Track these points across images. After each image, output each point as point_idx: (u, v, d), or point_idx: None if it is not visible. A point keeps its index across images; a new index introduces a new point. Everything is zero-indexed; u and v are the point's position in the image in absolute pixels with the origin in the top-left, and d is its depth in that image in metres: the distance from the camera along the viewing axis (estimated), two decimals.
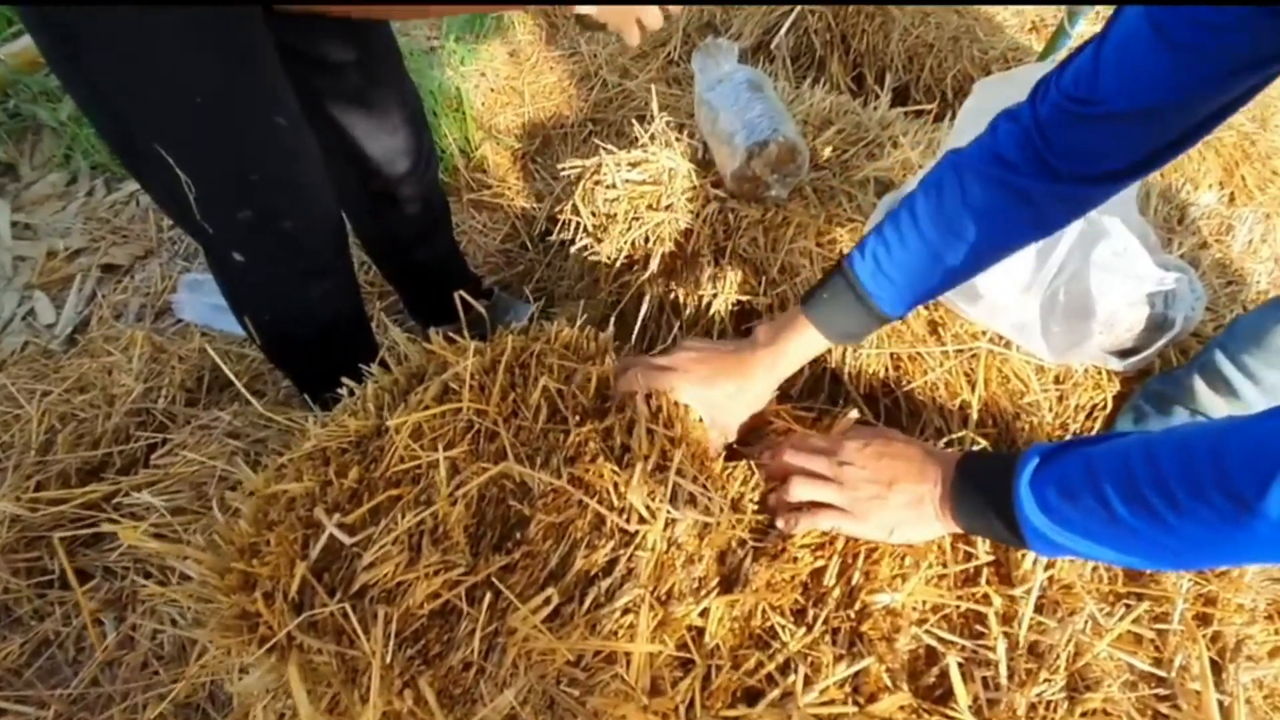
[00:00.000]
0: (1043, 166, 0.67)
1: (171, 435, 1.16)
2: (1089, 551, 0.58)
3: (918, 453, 0.71)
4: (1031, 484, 0.59)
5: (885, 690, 0.62)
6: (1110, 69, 0.60)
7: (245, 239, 0.96)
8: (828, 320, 0.79)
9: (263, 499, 0.73)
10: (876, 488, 0.70)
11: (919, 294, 0.77)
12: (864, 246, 0.77)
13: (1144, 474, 0.52)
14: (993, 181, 0.70)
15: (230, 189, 0.90)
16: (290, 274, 1.03)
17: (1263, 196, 1.68)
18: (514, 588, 0.64)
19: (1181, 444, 0.52)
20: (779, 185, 1.18)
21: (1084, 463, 0.57)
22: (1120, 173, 0.66)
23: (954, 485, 0.67)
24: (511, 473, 0.71)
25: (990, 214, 0.71)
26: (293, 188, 0.95)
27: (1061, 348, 1.04)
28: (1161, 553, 0.54)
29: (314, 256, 1.03)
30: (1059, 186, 0.68)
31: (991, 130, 0.71)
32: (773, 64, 1.82)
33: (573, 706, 0.59)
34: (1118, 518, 0.53)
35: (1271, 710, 0.65)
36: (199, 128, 0.84)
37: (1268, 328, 0.86)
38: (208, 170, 0.86)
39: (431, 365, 0.85)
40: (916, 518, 0.69)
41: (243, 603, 0.64)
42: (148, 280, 1.54)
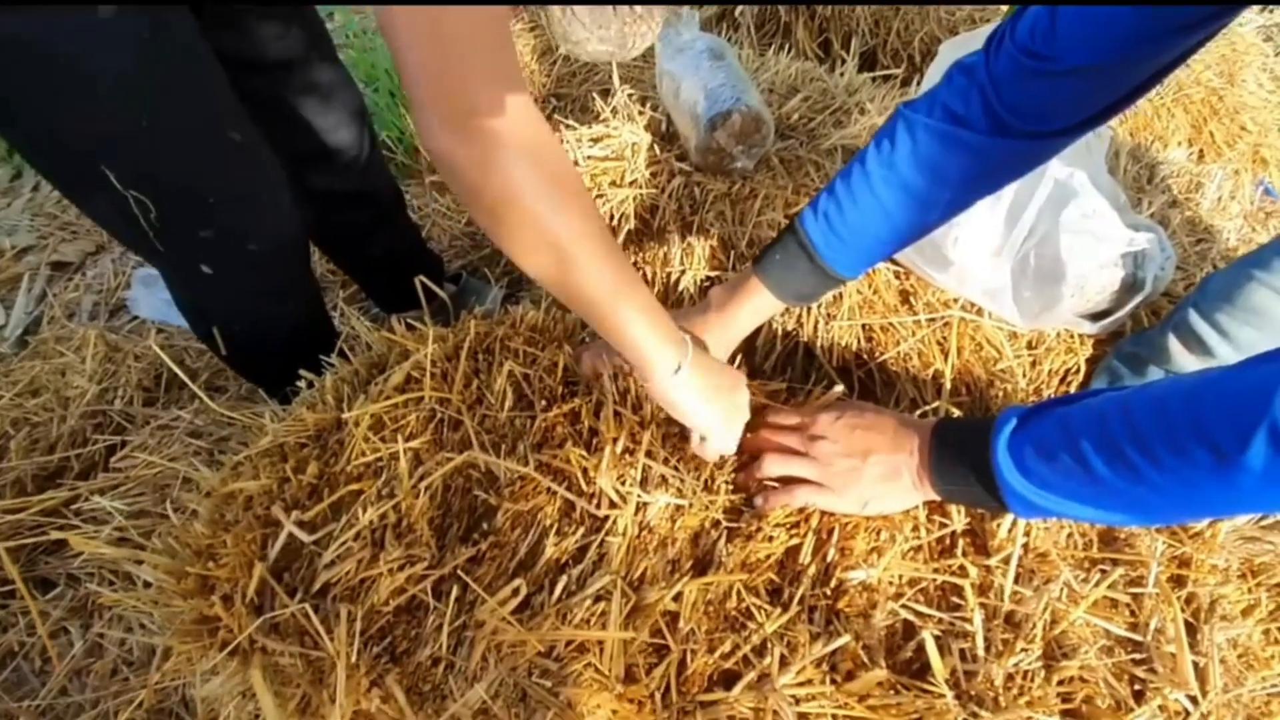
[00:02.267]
0: (994, 121, 0.66)
1: (130, 437, 1.12)
2: (1070, 511, 0.57)
3: (891, 422, 0.71)
4: (1009, 446, 0.59)
5: (862, 667, 0.61)
6: (1068, 25, 0.58)
7: (210, 256, 0.91)
8: (780, 281, 0.78)
9: (219, 499, 0.70)
10: (851, 460, 0.69)
11: (873, 253, 0.76)
12: (816, 205, 0.76)
13: (1121, 431, 0.52)
14: (944, 136, 0.68)
15: (189, 210, 0.85)
16: (256, 292, 0.99)
17: (1231, 152, 1.68)
18: (482, 579, 0.63)
19: (1158, 400, 0.51)
20: (744, 156, 1.16)
21: (1060, 422, 0.56)
22: (1069, 129, 0.66)
23: (931, 453, 0.66)
24: (476, 462, 0.69)
25: (941, 169, 0.70)
26: (254, 207, 0.90)
27: (1033, 312, 1.03)
28: (1144, 509, 0.54)
29: (280, 274, 1.00)
30: (1009, 142, 0.67)
31: (946, 82, 0.70)
32: (737, 31, 1.78)
33: (545, 698, 0.57)
34: (1097, 476, 0.53)
35: (1246, 668, 0.65)
36: (150, 149, 0.78)
37: (1239, 285, 0.86)
38: (163, 193, 0.81)
39: (393, 354, 0.82)
40: (893, 488, 0.68)
41: (200, 607, 0.62)
42: (100, 277, 1.49)
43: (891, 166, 0.71)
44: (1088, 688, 0.61)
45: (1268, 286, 0.83)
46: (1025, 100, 0.64)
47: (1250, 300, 0.85)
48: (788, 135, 1.26)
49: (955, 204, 0.74)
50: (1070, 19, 0.58)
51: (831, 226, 0.74)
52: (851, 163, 0.75)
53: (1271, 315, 0.84)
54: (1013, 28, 0.63)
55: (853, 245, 0.74)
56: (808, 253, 0.75)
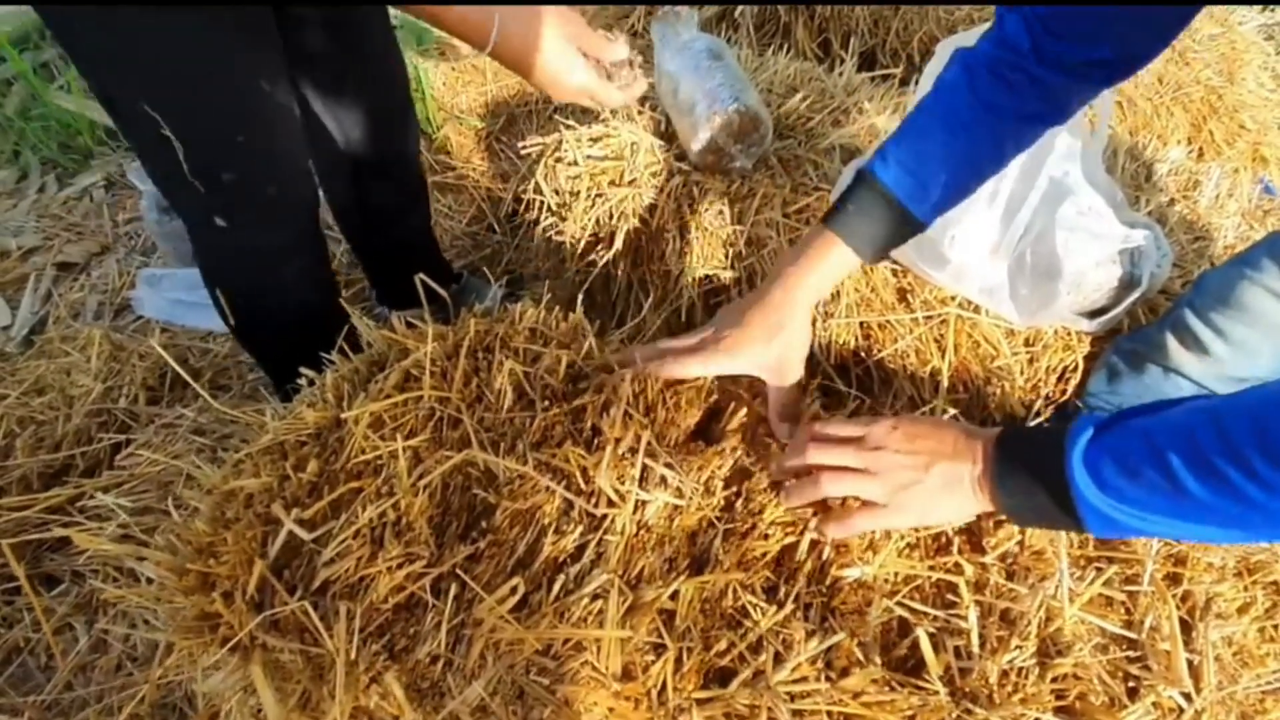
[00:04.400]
0: (1042, 51, 0.69)
1: (134, 435, 1.13)
2: (1155, 529, 0.54)
3: (951, 431, 0.66)
4: (1085, 459, 0.55)
5: (857, 664, 0.61)
6: None
7: (227, 204, 0.96)
8: (857, 232, 0.75)
9: (220, 496, 0.71)
10: (913, 473, 0.65)
11: (948, 192, 0.76)
12: (884, 153, 0.76)
13: (1214, 445, 0.49)
14: (1007, 68, 0.71)
15: (215, 151, 0.90)
16: (267, 247, 1.03)
17: (1230, 150, 1.68)
18: (480, 577, 0.63)
19: (1254, 411, 0.48)
20: (743, 156, 1.16)
21: (1143, 435, 0.53)
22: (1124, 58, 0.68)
23: (995, 462, 0.62)
24: (475, 460, 0.70)
25: (1008, 101, 0.72)
26: (275, 155, 0.95)
27: (1030, 310, 1.03)
28: (1243, 525, 0.51)
29: (291, 229, 1.04)
30: (1067, 75, 0.69)
31: (998, 23, 0.72)
32: (736, 32, 1.79)
33: (542, 696, 0.58)
34: (1188, 493, 0.50)
35: (1241, 666, 0.65)
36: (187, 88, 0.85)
37: (1232, 284, 0.86)
38: (194, 130, 0.87)
39: (393, 352, 0.83)
40: (954, 499, 0.64)
41: (201, 604, 0.63)
42: (105, 277, 1.50)
43: (957, 103, 0.73)
44: (1082, 685, 0.61)
45: (1259, 285, 0.84)
46: (1065, 28, 0.67)
47: (1242, 299, 0.85)
48: (786, 135, 1.26)
49: (1026, 132, 0.76)
50: None
51: (906, 168, 0.74)
52: (914, 110, 0.76)
53: (1263, 313, 0.84)
54: None
55: (931, 184, 0.74)
56: (885, 199, 0.74)
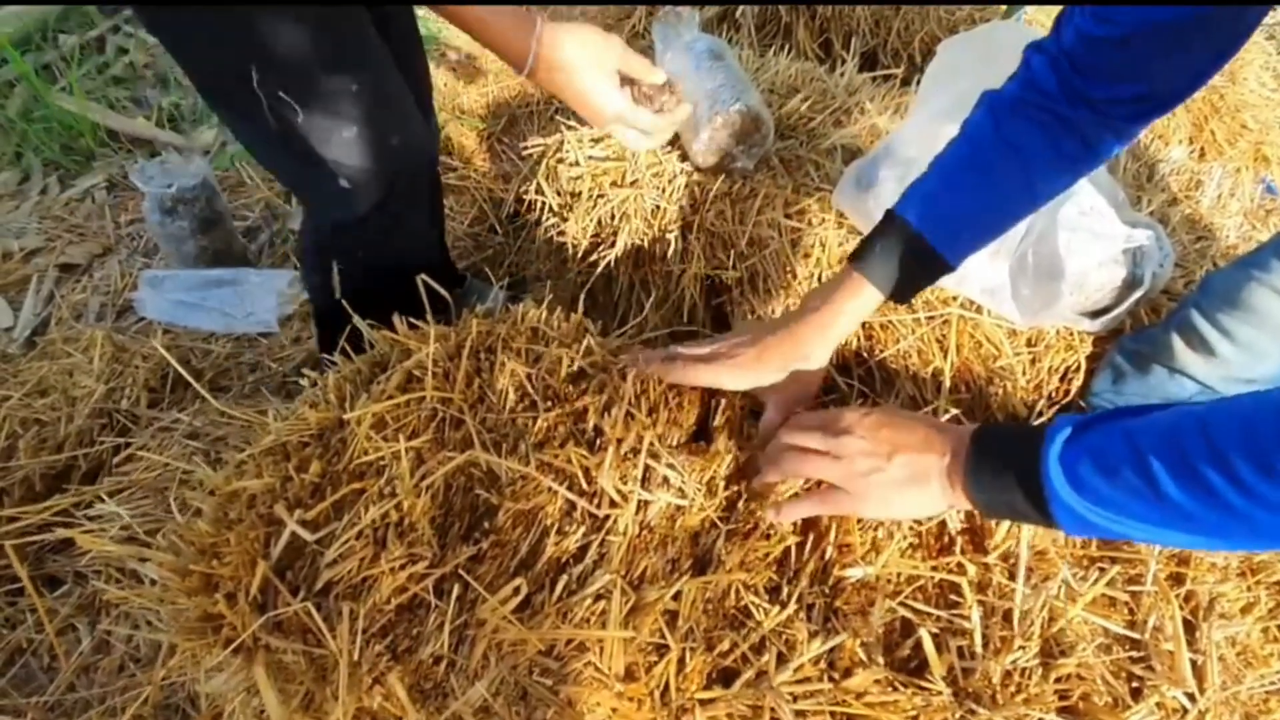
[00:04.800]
0: (1070, 92, 0.68)
1: (134, 438, 1.13)
2: (1129, 531, 0.53)
3: (923, 425, 0.67)
4: (1062, 457, 0.55)
5: (860, 665, 0.61)
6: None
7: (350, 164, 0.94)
8: (883, 273, 0.75)
9: (223, 497, 0.71)
10: (874, 460, 0.65)
11: (976, 235, 0.75)
12: (910, 197, 0.75)
13: (1200, 450, 0.47)
14: (1036, 112, 0.70)
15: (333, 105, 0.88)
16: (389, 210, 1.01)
17: (1232, 150, 1.68)
18: (483, 578, 0.63)
19: (1244, 417, 0.47)
20: (745, 156, 1.16)
21: (1125, 436, 0.52)
22: (1154, 95, 0.67)
23: (969, 457, 0.61)
24: (478, 461, 0.70)
25: (1039, 145, 0.71)
26: (392, 100, 0.94)
27: (1032, 310, 1.03)
28: (1222, 534, 0.49)
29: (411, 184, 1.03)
30: (1096, 113, 0.68)
31: (1025, 64, 0.71)
32: (738, 32, 1.79)
33: (545, 696, 0.58)
34: (1167, 498, 0.49)
35: (1244, 666, 0.65)
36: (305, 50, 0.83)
37: (1239, 284, 0.86)
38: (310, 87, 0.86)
39: (395, 353, 0.83)
40: (919, 493, 0.64)
41: (204, 605, 0.63)
42: (107, 279, 1.50)
43: (986, 147, 0.72)
44: (1085, 685, 0.61)
45: (1267, 286, 0.83)
46: (1098, 69, 0.66)
47: (1250, 300, 0.85)
48: (788, 135, 1.26)
49: (1057, 176, 0.75)
50: None
51: (932, 211, 0.73)
52: (941, 154, 0.76)
53: (1270, 314, 0.84)
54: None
55: (958, 227, 0.74)
56: (911, 241, 0.73)
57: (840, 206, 1.11)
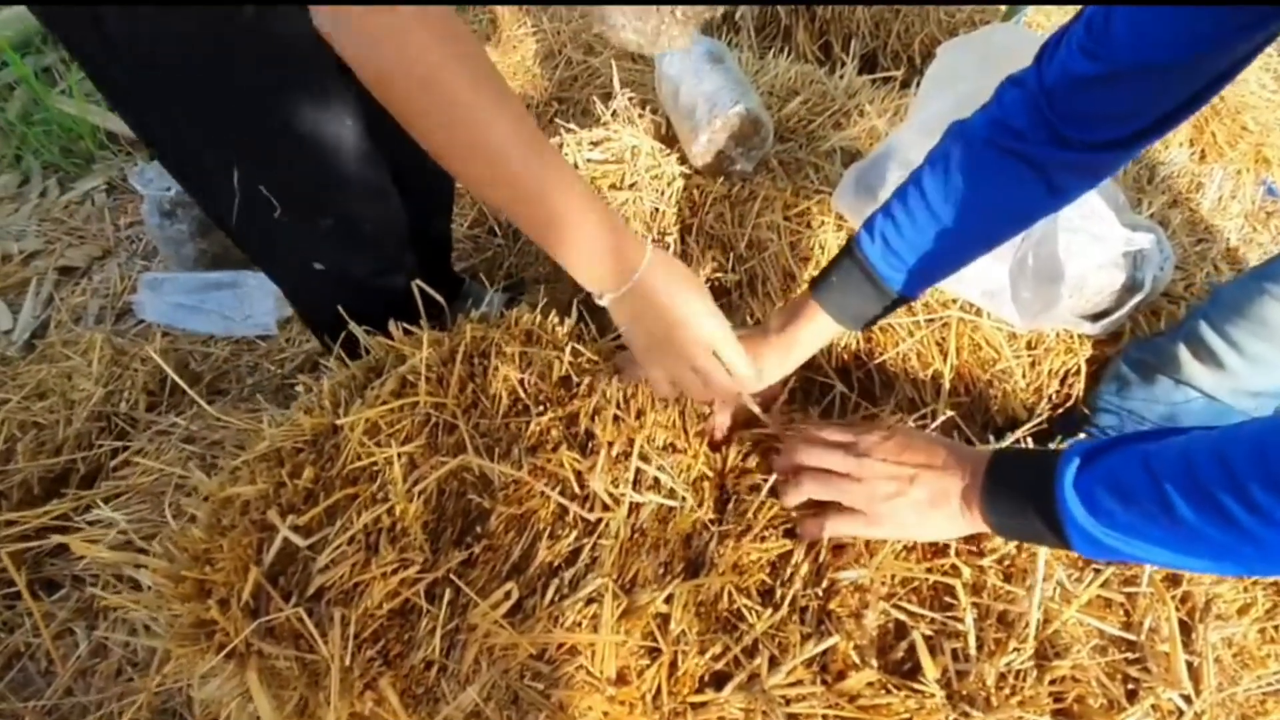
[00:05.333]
0: (1051, 133, 0.65)
1: (132, 441, 1.13)
2: (1144, 555, 0.53)
3: (942, 447, 0.67)
4: (1076, 483, 0.55)
5: (853, 668, 0.61)
6: (1122, 28, 0.57)
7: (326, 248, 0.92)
8: (839, 304, 0.77)
9: (217, 503, 0.71)
10: (896, 483, 0.65)
11: (932, 271, 0.75)
12: (871, 226, 0.75)
13: (1214, 475, 0.48)
14: (1002, 150, 0.68)
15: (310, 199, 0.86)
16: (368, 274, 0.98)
17: (1233, 152, 1.67)
18: (475, 583, 0.63)
19: (1256, 441, 0.47)
20: (744, 159, 1.16)
21: (1140, 461, 0.52)
22: (1130, 138, 0.64)
23: (986, 481, 0.62)
24: (470, 465, 0.70)
25: (1001, 185, 0.69)
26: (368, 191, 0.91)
27: (1032, 313, 1.03)
28: (1237, 559, 0.50)
29: (392, 255, 1.00)
30: (1069, 154, 0.66)
31: (998, 99, 0.69)
32: (738, 35, 1.78)
33: (537, 700, 0.58)
34: (1183, 521, 0.49)
35: (1241, 668, 0.65)
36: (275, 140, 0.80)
37: (1250, 297, 0.84)
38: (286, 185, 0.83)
39: (389, 359, 0.83)
40: (938, 515, 0.64)
41: (197, 611, 0.63)
42: (106, 281, 1.50)
43: (948, 181, 0.70)
44: (1080, 687, 0.61)
45: (1278, 299, 0.81)
46: (1080, 109, 0.63)
47: (1261, 313, 0.83)
48: (787, 138, 1.26)
49: (1019, 218, 0.73)
50: (1125, 18, 0.57)
51: (890, 246, 0.73)
52: (906, 182, 0.74)
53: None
54: (1065, 35, 0.63)
55: (915, 264, 0.73)
56: (868, 275, 0.74)
57: (840, 209, 1.10)
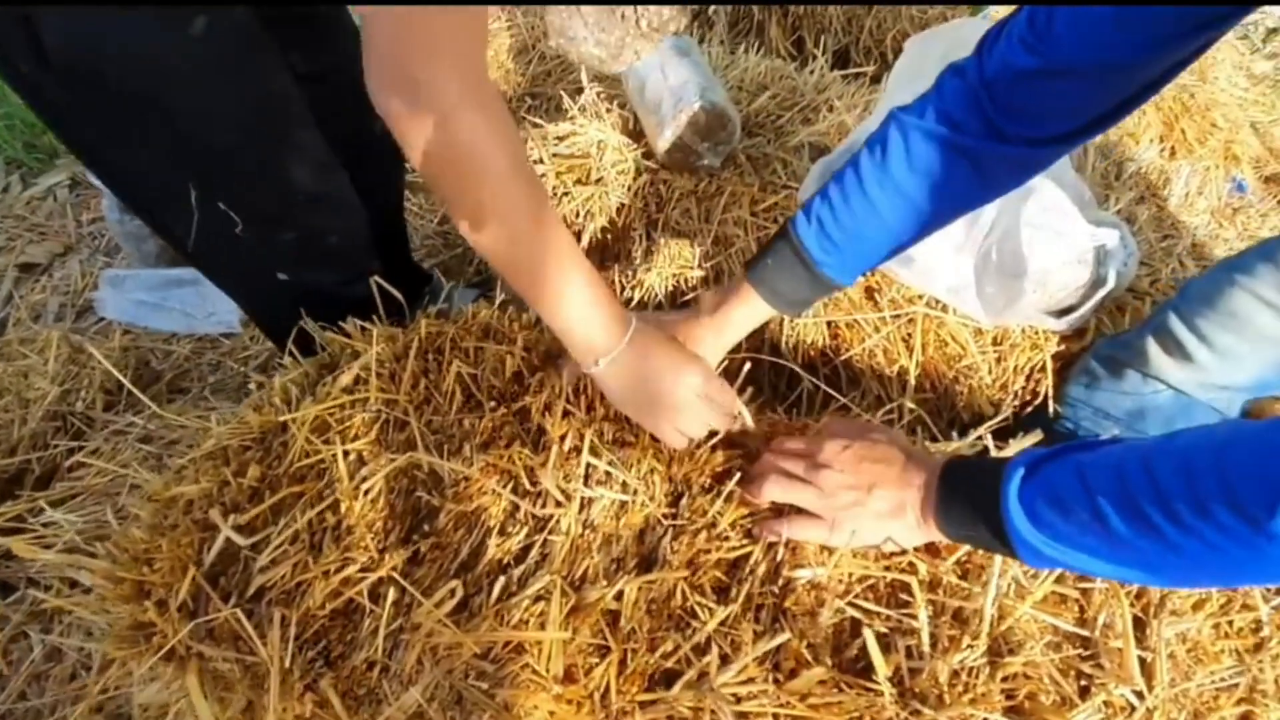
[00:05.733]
0: (988, 126, 0.65)
1: (88, 442, 1.11)
2: (1083, 565, 0.54)
3: (900, 456, 0.67)
4: (1020, 495, 0.56)
5: (806, 665, 0.60)
6: (1064, 23, 0.57)
7: (289, 261, 0.91)
8: (773, 287, 0.76)
9: (162, 503, 0.69)
10: (855, 494, 0.66)
11: (866, 259, 0.74)
12: (808, 210, 0.74)
13: (1142, 488, 0.49)
14: (938, 141, 0.67)
15: (271, 213, 0.85)
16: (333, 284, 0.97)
17: (1202, 149, 1.68)
18: (421, 581, 0.62)
19: (1182, 455, 0.48)
20: (711, 154, 1.15)
21: (1076, 473, 0.54)
22: (1066, 135, 0.64)
23: (939, 493, 0.63)
24: (420, 463, 0.68)
25: (936, 175, 0.68)
26: (329, 202, 0.90)
27: (997, 308, 1.02)
28: (1163, 570, 0.51)
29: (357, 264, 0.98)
30: (1005, 148, 0.65)
31: (937, 88, 0.68)
32: (711, 29, 1.78)
33: (481, 700, 0.57)
34: (1115, 533, 0.50)
35: (1195, 663, 0.65)
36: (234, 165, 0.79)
37: (1220, 289, 0.84)
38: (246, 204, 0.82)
39: (344, 355, 0.82)
40: (896, 526, 0.65)
41: (135, 612, 0.61)
42: (67, 278, 1.48)
43: (885, 170, 0.69)
44: (1032, 684, 0.60)
45: (1249, 291, 0.81)
46: (1018, 103, 0.63)
47: (1231, 305, 0.83)
48: (755, 133, 1.25)
49: (952, 209, 0.72)
50: (1067, 17, 0.57)
51: (825, 231, 0.72)
52: (844, 167, 0.73)
53: (1251, 320, 0.82)
54: (1009, 26, 0.62)
55: (847, 250, 0.73)
56: (801, 258, 0.74)
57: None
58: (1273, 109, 1.99)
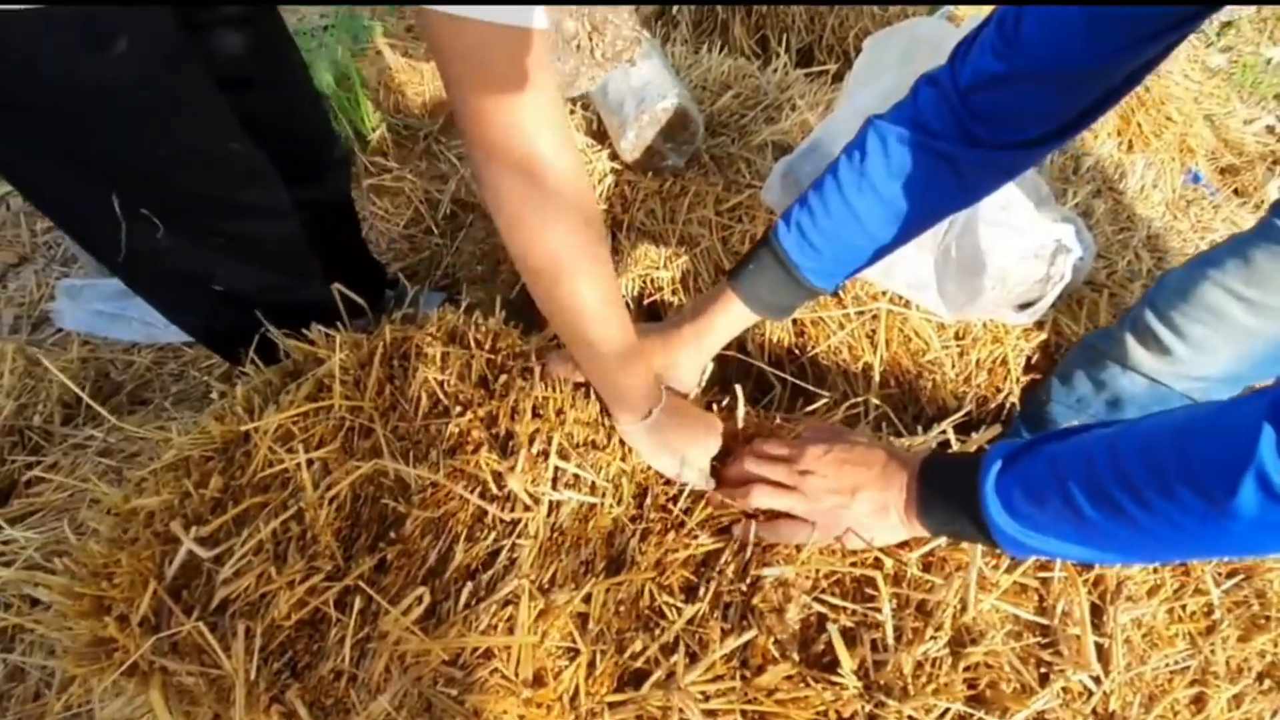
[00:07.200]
0: (964, 132, 0.66)
1: (46, 456, 1.09)
2: (1061, 551, 0.56)
3: (880, 457, 0.69)
4: (997, 487, 0.58)
5: (773, 662, 0.61)
6: (1032, 31, 0.58)
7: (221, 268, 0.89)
8: (755, 293, 0.77)
9: (122, 516, 0.68)
10: (839, 497, 0.68)
11: (847, 264, 0.75)
12: (789, 216, 0.75)
13: (1108, 472, 0.51)
14: (915, 147, 0.68)
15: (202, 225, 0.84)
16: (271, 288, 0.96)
17: (1158, 143, 1.72)
18: (388, 589, 0.62)
19: (1144, 439, 0.50)
20: (674, 154, 1.16)
21: (1048, 463, 0.55)
22: (1040, 139, 0.65)
23: (919, 491, 0.65)
24: (386, 470, 0.68)
25: (914, 180, 0.69)
26: (258, 208, 0.89)
27: (958, 304, 1.04)
28: (1133, 550, 0.54)
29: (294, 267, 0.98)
30: (980, 152, 0.66)
31: (913, 95, 0.69)
32: (675, 29, 1.78)
33: (450, 707, 0.56)
34: (1086, 518, 0.52)
35: (1150, 647, 0.66)
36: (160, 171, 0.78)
37: (1194, 284, 0.86)
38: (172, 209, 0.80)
39: (308, 362, 0.81)
40: (881, 525, 0.67)
41: (94, 628, 0.60)
42: (22, 289, 1.44)
43: (863, 175, 0.70)
44: (993, 673, 0.62)
45: (1221, 286, 0.83)
46: (991, 109, 0.64)
47: (1204, 299, 0.85)
48: (719, 132, 1.26)
49: (931, 213, 0.73)
50: (1034, 22, 0.58)
51: (805, 237, 0.73)
52: (823, 175, 0.74)
53: (1224, 314, 0.84)
54: (979, 35, 0.63)
55: (829, 255, 0.73)
56: (782, 264, 0.74)
57: (768, 203, 1.11)
58: (1227, 101, 2.04)
